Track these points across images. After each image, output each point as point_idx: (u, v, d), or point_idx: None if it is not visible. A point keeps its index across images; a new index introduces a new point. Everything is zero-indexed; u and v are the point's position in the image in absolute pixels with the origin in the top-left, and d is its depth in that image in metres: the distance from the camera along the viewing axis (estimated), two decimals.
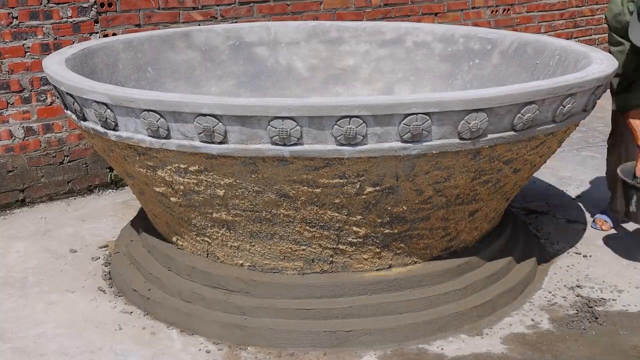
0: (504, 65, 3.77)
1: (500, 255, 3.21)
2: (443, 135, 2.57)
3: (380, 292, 2.92)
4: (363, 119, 2.49)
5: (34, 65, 4.12)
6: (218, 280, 2.98)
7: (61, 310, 3.12)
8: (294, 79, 4.23)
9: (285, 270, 2.97)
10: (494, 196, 3.03)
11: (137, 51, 3.81)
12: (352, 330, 2.81)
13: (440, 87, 4.01)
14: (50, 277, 3.41)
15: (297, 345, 2.82)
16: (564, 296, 3.18)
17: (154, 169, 2.82)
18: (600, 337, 2.88)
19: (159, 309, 3.02)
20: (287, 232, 2.85)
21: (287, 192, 2.70)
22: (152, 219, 3.33)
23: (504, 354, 2.77)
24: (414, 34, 4.17)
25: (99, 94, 2.72)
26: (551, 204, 4.18)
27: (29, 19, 4.06)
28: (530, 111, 2.64)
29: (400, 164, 2.62)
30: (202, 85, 4.04)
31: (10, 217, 4.13)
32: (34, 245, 3.74)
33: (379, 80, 4.21)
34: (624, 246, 3.64)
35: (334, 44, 4.27)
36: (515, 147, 2.76)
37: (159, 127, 2.62)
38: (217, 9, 4.68)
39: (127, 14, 4.37)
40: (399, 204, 2.77)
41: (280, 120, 2.48)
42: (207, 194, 2.79)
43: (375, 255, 2.94)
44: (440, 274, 3.00)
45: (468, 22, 5.83)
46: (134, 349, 2.83)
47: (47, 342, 2.89)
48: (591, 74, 2.84)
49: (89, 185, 4.45)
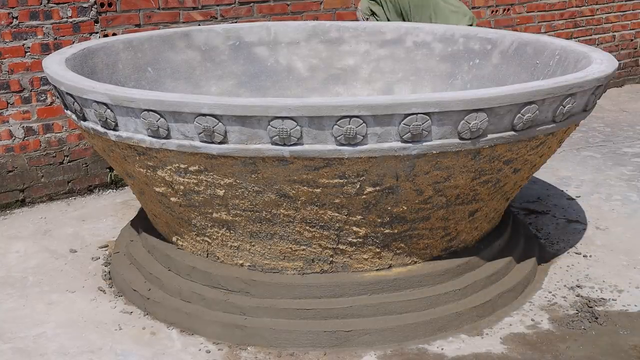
0: (504, 65, 3.77)
1: (500, 255, 3.21)
2: (443, 135, 2.57)
3: (380, 292, 2.92)
4: (363, 119, 2.49)
5: (34, 65, 4.12)
6: (218, 280, 2.98)
7: (61, 310, 3.12)
8: (294, 79, 4.24)
9: (285, 270, 2.97)
10: (494, 196, 3.03)
11: (137, 51, 3.81)
12: (352, 330, 2.81)
13: (440, 87, 4.01)
14: (50, 277, 3.41)
15: (297, 345, 2.81)
16: (564, 296, 3.18)
17: (154, 169, 2.82)
18: (600, 337, 2.88)
19: (159, 309, 3.02)
20: (287, 232, 2.85)
21: (287, 192, 2.70)
22: (152, 219, 3.33)
23: (504, 354, 2.77)
24: (414, 34, 4.17)
25: (99, 94, 2.72)
26: (551, 204, 4.18)
27: (29, 19, 4.06)
28: (530, 111, 2.64)
29: (400, 164, 2.62)
30: (202, 85, 4.04)
31: (10, 217, 4.13)
32: (34, 245, 3.74)
33: (379, 80, 4.21)
34: (624, 246, 3.64)
35: (334, 44, 4.27)
36: (515, 147, 2.76)
37: (159, 127, 2.62)
38: (217, 9, 4.68)
39: (127, 14, 4.37)
40: (399, 204, 2.77)
41: (280, 120, 2.48)
42: (207, 194, 2.79)
43: (375, 255, 2.94)
44: (440, 274, 3.00)
45: None
46: (134, 349, 2.83)
47: (47, 342, 2.89)
48: (591, 74, 2.84)
49: (89, 185, 4.45)
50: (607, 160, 4.90)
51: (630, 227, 3.85)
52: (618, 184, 4.47)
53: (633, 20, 6.99)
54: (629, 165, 4.79)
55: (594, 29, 6.74)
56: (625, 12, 6.91)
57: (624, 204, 4.15)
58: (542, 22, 6.36)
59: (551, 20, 6.41)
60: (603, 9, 6.74)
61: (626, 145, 5.19)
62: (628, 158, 4.93)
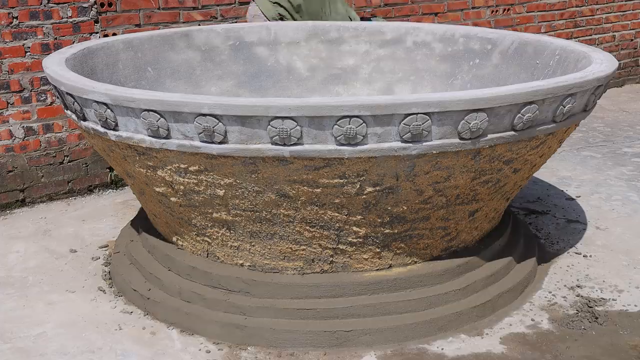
0: (504, 65, 3.77)
1: (501, 255, 3.21)
2: (443, 135, 2.57)
3: (380, 292, 2.92)
4: (363, 119, 2.49)
5: (34, 65, 4.12)
6: (218, 280, 2.98)
7: (61, 310, 3.12)
8: (294, 79, 4.24)
9: (285, 270, 2.97)
10: (494, 196, 3.03)
11: (137, 51, 3.81)
12: (352, 330, 2.81)
13: (440, 87, 4.01)
14: (50, 277, 3.41)
15: (297, 345, 2.81)
16: (564, 296, 3.18)
17: (154, 169, 2.82)
18: (600, 337, 2.88)
19: (159, 309, 3.02)
20: (287, 232, 2.85)
21: (287, 192, 2.70)
22: (152, 219, 3.33)
23: (504, 354, 2.77)
24: (414, 34, 4.17)
25: (99, 94, 2.72)
26: (551, 204, 4.18)
27: (29, 19, 4.06)
28: (531, 111, 2.64)
29: (401, 164, 2.62)
30: (202, 85, 4.05)
31: (11, 217, 4.13)
32: (34, 245, 3.74)
33: (379, 80, 4.21)
34: (624, 246, 3.64)
35: (334, 44, 4.27)
36: (516, 147, 2.76)
37: (159, 127, 2.62)
38: (217, 9, 4.68)
39: (127, 14, 4.37)
40: (399, 204, 2.77)
41: (281, 120, 2.48)
42: (207, 194, 2.79)
43: (375, 255, 2.94)
44: (441, 274, 3.00)
45: (468, 22, 5.84)
46: (134, 349, 2.83)
47: (47, 342, 2.89)
48: (591, 74, 2.84)
49: (89, 185, 4.45)
50: (607, 160, 4.90)
51: (630, 227, 3.85)
52: (618, 184, 4.47)
53: (633, 20, 6.99)
54: (629, 165, 4.79)
55: (594, 29, 6.74)
56: (626, 12, 6.91)
57: (624, 204, 4.15)
58: (542, 22, 6.36)
59: (551, 20, 6.41)
60: (603, 9, 6.74)
61: (626, 145, 5.19)
62: (628, 158, 4.93)
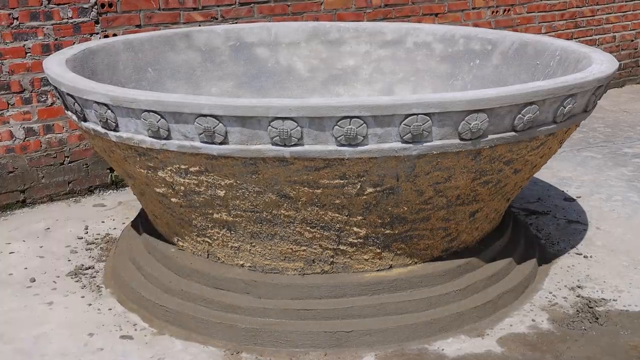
0: (505, 66, 3.77)
1: (501, 255, 3.21)
2: (444, 135, 2.57)
3: (380, 292, 2.92)
4: (363, 119, 2.49)
5: (35, 66, 4.12)
6: (219, 280, 2.98)
7: (62, 310, 3.12)
8: (294, 80, 4.24)
9: (285, 271, 2.97)
10: (495, 197, 3.03)
11: (137, 52, 3.81)
12: (352, 331, 2.81)
13: (441, 88, 4.01)
14: (50, 277, 3.41)
15: (297, 345, 2.82)
16: (565, 296, 3.18)
17: (155, 170, 2.83)
18: (600, 337, 2.88)
19: (159, 309, 3.02)
20: (288, 233, 2.85)
21: (287, 193, 2.70)
22: (153, 219, 3.33)
23: (505, 355, 2.77)
24: (415, 35, 4.17)
25: (100, 95, 2.72)
26: (551, 204, 4.18)
27: (30, 19, 4.06)
28: (531, 112, 2.64)
29: (401, 164, 2.62)
30: (203, 86, 4.05)
31: (11, 217, 4.13)
32: (34, 246, 3.74)
33: (379, 80, 4.22)
34: (624, 247, 3.64)
35: (335, 45, 4.27)
36: (516, 148, 2.76)
37: (159, 127, 2.62)
38: (217, 10, 4.68)
39: (128, 15, 4.37)
40: (400, 204, 2.77)
41: (281, 120, 2.48)
42: (207, 194, 2.79)
43: (375, 256, 2.94)
44: (441, 274, 3.00)
45: (468, 22, 5.83)
46: (134, 350, 2.83)
47: (48, 342, 2.89)
48: (592, 75, 2.84)
49: (89, 186, 4.46)
50: (607, 160, 4.90)
51: (631, 228, 3.85)
52: (618, 184, 4.47)
53: (633, 21, 6.99)
54: (629, 165, 4.79)
55: (594, 30, 6.74)
56: (626, 13, 6.91)
57: (624, 205, 4.15)
58: (543, 22, 6.36)
59: (552, 21, 6.41)
60: (603, 10, 6.74)
61: (627, 146, 5.19)
62: (628, 158, 4.93)
